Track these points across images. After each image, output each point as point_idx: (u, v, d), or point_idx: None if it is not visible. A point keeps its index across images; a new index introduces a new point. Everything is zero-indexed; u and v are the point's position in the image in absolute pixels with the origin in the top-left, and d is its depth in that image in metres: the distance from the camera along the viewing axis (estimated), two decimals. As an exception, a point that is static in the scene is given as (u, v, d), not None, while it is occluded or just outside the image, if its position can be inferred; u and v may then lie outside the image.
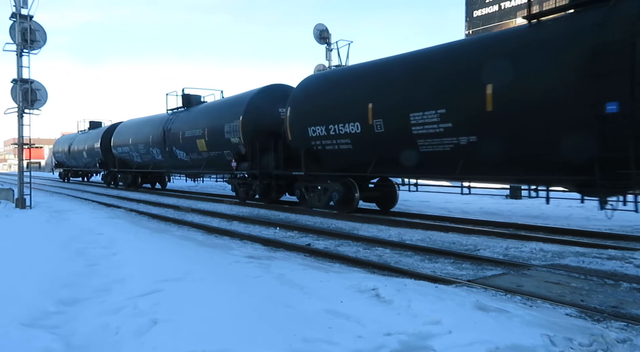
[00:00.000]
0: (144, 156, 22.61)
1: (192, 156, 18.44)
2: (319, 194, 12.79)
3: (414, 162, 10.09)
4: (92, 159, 29.43)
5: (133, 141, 23.22)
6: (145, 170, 23.69)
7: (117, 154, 25.36)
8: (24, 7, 12.94)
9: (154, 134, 21.07)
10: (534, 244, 7.58)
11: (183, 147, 18.78)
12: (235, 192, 16.63)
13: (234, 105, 16.01)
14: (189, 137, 18.11)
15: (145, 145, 21.94)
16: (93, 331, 3.67)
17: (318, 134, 12.09)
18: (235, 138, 15.29)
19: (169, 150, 19.90)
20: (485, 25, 26.52)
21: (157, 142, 20.76)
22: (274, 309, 3.89)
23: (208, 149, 17.08)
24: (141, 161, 23.27)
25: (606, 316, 4.02)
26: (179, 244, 7.56)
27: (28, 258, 6.20)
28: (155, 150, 21.12)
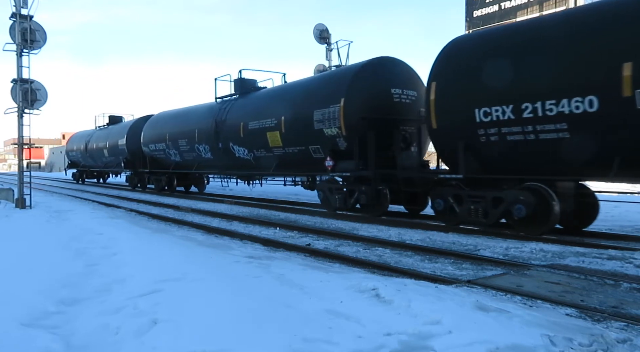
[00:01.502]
0: (186, 154, 18.82)
1: (258, 154, 14.70)
2: (483, 207, 8.84)
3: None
4: (115, 157, 25.79)
5: (171, 137, 19.45)
6: (187, 171, 19.94)
7: (149, 152, 21.74)
8: (24, 7, 12.94)
9: (201, 127, 17.28)
10: (534, 244, 7.58)
11: (244, 143, 15.06)
12: (325, 200, 12.70)
13: (329, 85, 12.32)
14: (255, 129, 14.35)
15: (189, 141, 18.19)
16: (93, 331, 3.67)
17: (496, 119, 8.25)
18: (332, 129, 11.64)
19: (223, 147, 16.11)
20: (485, 25, 26.53)
21: (206, 137, 16.95)
22: (274, 309, 3.89)
23: (284, 145, 13.41)
24: (181, 160, 19.51)
25: (606, 316, 4.02)
26: (179, 244, 7.56)
27: (28, 258, 6.20)
28: (203, 147, 17.39)
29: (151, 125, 21.86)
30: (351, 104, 11.26)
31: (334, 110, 11.54)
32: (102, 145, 27.25)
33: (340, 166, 11.79)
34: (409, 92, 11.76)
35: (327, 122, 11.79)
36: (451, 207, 9.41)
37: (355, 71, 11.76)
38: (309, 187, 14.12)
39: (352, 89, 11.39)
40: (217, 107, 16.90)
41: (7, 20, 13.06)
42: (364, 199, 11.30)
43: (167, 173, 21.02)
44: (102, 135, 28.06)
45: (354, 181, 11.76)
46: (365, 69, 11.68)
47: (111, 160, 26.74)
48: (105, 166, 28.70)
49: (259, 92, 15.93)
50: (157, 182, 22.10)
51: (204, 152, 17.57)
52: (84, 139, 31.48)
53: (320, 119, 11.98)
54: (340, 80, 11.96)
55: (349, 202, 11.83)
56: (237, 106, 15.85)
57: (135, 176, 24.36)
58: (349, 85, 11.46)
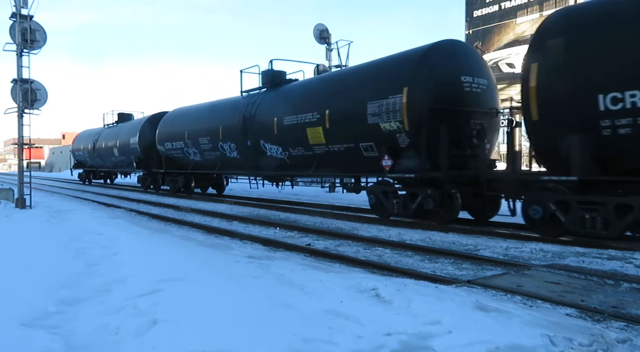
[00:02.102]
0: (208, 154, 17.25)
1: (295, 152, 13.10)
2: (603, 216, 7.21)
3: None
4: (126, 157, 24.06)
5: (190, 135, 17.89)
6: (208, 172, 18.50)
7: (164, 152, 20.14)
8: (24, 7, 12.94)
9: (226, 124, 15.76)
10: (534, 244, 7.58)
11: (278, 140, 13.54)
12: (378, 205, 11.09)
13: (387, 73, 10.76)
14: (291, 125, 12.84)
15: (212, 139, 16.59)
16: (93, 331, 3.67)
17: (631, 106, 6.69)
18: (391, 123, 10.15)
19: (252, 145, 14.60)
20: (485, 25, 26.54)
21: (232, 134, 15.47)
22: (274, 309, 3.89)
23: (328, 142, 11.88)
24: (201, 160, 17.93)
25: (606, 316, 4.02)
26: (179, 244, 7.57)
27: (28, 258, 6.20)
28: (229, 145, 15.83)
29: (167, 123, 20.22)
30: (416, 93, 9.74)
31: (395, 102, 10.01)
32: (112, 144, 25.58)
33: (402, 166, 10.15)
34: (479, 81, 10.29)
35: (385, 116, 10.26)
36: (552, 215, 7.82)
37: (421, 55, 10.07)
38: (352, 189, 12.50)
39: (418, 77, 9.82)
40: (244, 101, 15.32)
41: (7, 20, 13.08)
42: (431, 204, 9.71)
43: (185, 174, 19.38)
44: (112, 133, 26.32)
45: (416, 182, 10.19)
46: (431, 53, 10.03)
47: (121, 160, 25.13)
48: (115, 166, 26.91)
49: (293, 83, 14.46)
50: (173, 183, 20.33)
51: (228, 151, 15.94)
52: (91, 138, 29.51)
53: (375, 112, 10.46)
54: (402, 66, 10.33)
55: (409, 207, 10.21)
56: (268, 100, 14.32)
57: (149, 177, 22.76)
58: (414, 72, 9.89)
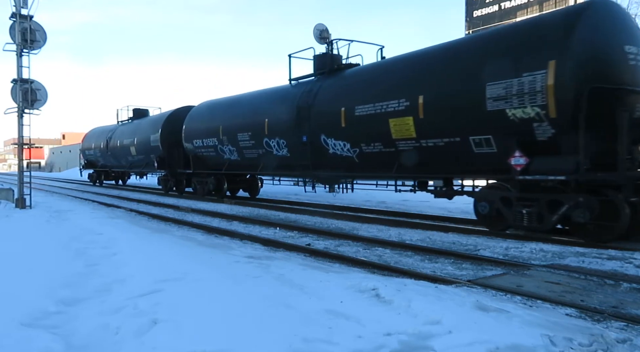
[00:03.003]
0: (249, 151, 15.03)
1: (369, 149, 10.84)
2: None
3: None
4: (145, 156, 21.83)
5: (226, 130, 15.77)
6: (247, 173, 16.88)
7: (193, 150, 17.96)
8: (24, 7, 12.94)
9: (274, 117, 13.64)
10: (534, 244, 7.58)
11: (347, 135, 11.23)
12: (491, 216, 8.76)
13: (520, 43, 8.20)
14: (367, 116, 10.53)
15: (255, 134, 14.35)
16: (93, 331, 3.67)
17: None
18: (527, 109, 7.80)
19: (309, 141, 12.35)
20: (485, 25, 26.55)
21: (282, 129, 13.28)
22: (274, 309, 3.89)
23: (420, 135, 9.53)
24: (238, 159, 15.77)
25: (606, 316, 4.02)
26: (179, 244, 7.57)
27: (28, 258, 6.20)
28: (276, 141, 13.57)
29: (196, 117, 18.06)
30: (569, 68, 7.30)
31: (533, 81, 7.64)
32: (129, 142, 23.36)
33: (542, 165, 7.77)
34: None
35: (516, 100, 7.90)
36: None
37: (576, 16, 7.61)
38: (442, 194, 10.18)
39: (572, 46, 7.34)
40: (295, 90, 13.28)
41: (7, 20, 13.08)
42: (584, 216, 7.35)
43: (217, 174, 17.22)
44: (128, 130, 24.13)
45: (560, 187, 7.75)
46: (588, 14, 7.59)
47: (139, 159, 22.78)
48: (131, 166, 24.61)
49: (366, 66, 12.31)
50: (202, 185, 18.13)
51: (276, 149, 13.75)
52: (104, 136, 27.17)
53: (500, 95, 8.09)
54: (545, 33, 7.88)
55: (548, 219, 7.81)
56: (330, 87, 12.09)
57: (172, 178, 20.43)
58: (566, 39, 7.41)
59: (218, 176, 17.24)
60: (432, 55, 10.12)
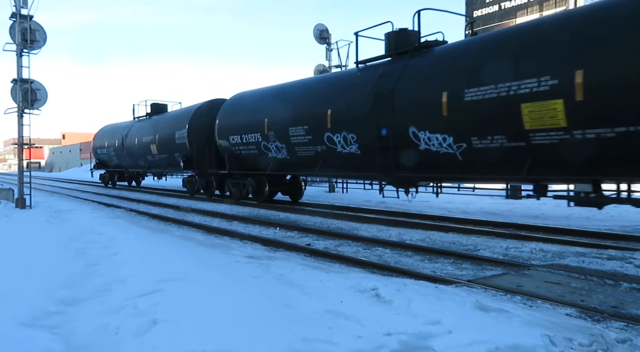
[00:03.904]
0: (303, 149, 12.67)
1: (482, 143, 8.38)
2: None
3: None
4: (168, 155, 19.63)
5: (273, 124, 13.46)
6: (297, 173, 14.82)
7: (228, 147, 15.84)
8: (24, 7, 12.95)
9: (341, 106, 11.34)
10: (534, 244, 7.59)
11: (450, 126, 8.82)
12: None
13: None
14: (484, 101, 8.13)
15: (313, 128, 12.09)
16: (93, 331, 3.67)
17: None
18: None
19: (392, 135, 9.89)
20: (485, 25, 26.53)
21: (354, 121, 10.94)
22: (274, 309, 3.89)
23: (573, 124, 7.17)
24: (288, 157, 13.45)
25: (606, 316, 4.02)
26: (179, 244, 7.57)
27: (28, 258, 6.20)
28: (343, 136, 11.22)
29: (233, 110, 15.87)
30: None
31: None
32: (148, 140, 21.04)
33: None
34: None
35: None
36: None
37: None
38: (588, 202, 8.12)
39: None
40: (366, 74, 11.08)
41: (7, 20, 13.09)
42: None
43: (257, 175, 15.17)
44: (147, 127, 21.82)
45: None
46: None
47: (161, 159, 20.51)
48: (151, 166, 22.23)
49: (469, 41, 9.98)
50: (238, 187, 16.07)
51: (342, 145, 11.45)
52: (118, 133, 25.04)
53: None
54: None
55: None
56: (419, 68, 9.82)
57: (201, 179, 18.25)
58: None
59: (258, 177, 15.23)
60: (600, 15, 7.27)
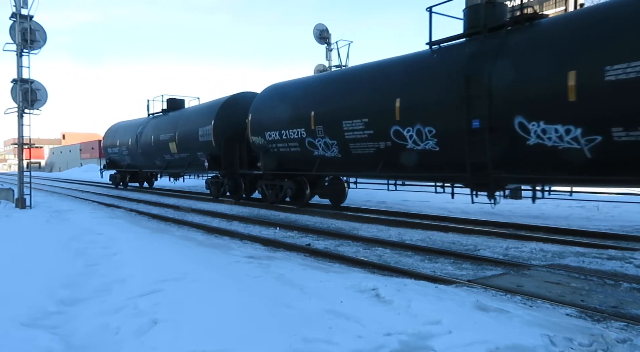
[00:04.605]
0: (360, 145, 10.95)
1: (629, 136, 6.71)
2: None
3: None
4: (190, 154, 18.15)
5: (321, 117, 11.79)
6: (350, 174, 12.91)
7: (264, 145, 14.09)
8: (24, 7, 12.96)
9: (413, 95, 9.58)
10: (534, 244, 7.58)
11: (574, 115, 7.25)
12: None
13: None
14: (635, 80, 6.40)
15: (376, 121, 10.40)
16: (93, 331, 3.67)
17: None
18: None
19: (490, 127, 8.18)
20: (485, 25, 26.41)
21: (432, 111, 9.22)
22: (274, 309, 3.89)
23: None
24: (340, 155, 11.69)
25: (606, 316, 4.02)
26: (179, 244, 7.57)
27: (28, 258, 6.20)
28: (417, 129, 9.46)
29: (269, 103, 14.17)
30: None
31: None
32: (167, 138, 19.51)
33: None
34: None
35: None
36: None
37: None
38: None
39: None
40: (446, 57, 9.42)
41: (7, 20, 13.09)
42: None
43: (298, 176, 13.59)
44: (165, 124, 20.29)
45: None
46: None
47: (181, 158, 19.03)
48: (169, 166, 20.58)
49: (590, 8, 8.30)
50: (274, 189, 14.48)
51: (414, 140, 9.63)
52: (132, 131, 23.37)
53: None
54: None
55: None
56: (526, 45, 8.02)
57: (229, 180, 16.58)
58: None
59: (298, 179, 13.67)
60: None
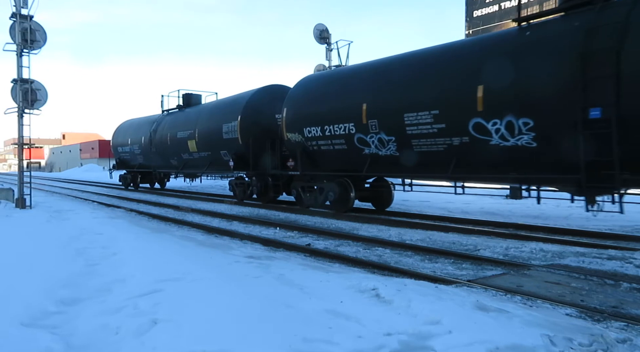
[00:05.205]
0: (426, 142, 9.57)
1: None
2: None
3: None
4: (212, 153, 16.94)
5: (375, 109, 10.44)
6: (413, 175, 10.93)
7: (302, 142, 12.65)
8: (24, 7, 12.95)
9: (502, 81, 8.03)
10: (534, 244, 7.58)
11: None
12: None
13: None
14: None
15: (449, 114, 9.01)
16: (93, 331, 3.67)
17: None
18: None
19: (622, 116, 6.66)
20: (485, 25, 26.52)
21: (532, 98, 7.70)
22: (274, 309, 3.88)
23: None
24: (397, 153, 10.35)
25: (606, 316, 4.02)
26: (179, 244, 7.56)
27: (28, 258, 6.20)
28: (507, 122, 8.08)
29: (309, 95, 12.64)
30: None
31: None
32: (185, 136, 18.29)
33: None
34: None
35: None
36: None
37: None
38: None
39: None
40: (555, 32, 7.76)
41: (7, 20, 13.09)
42: None
43: (342, 178, 12.01)
44: (181, 120, 19.03)
45: None
46: None
47: (201, 157, 17.80)
48: (186, 166, 19.29)
49: None
50: (312, 192, 12.95)
51: (502, 135, 8.18)
52: (145, 129, 22.03)
53: None
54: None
55: None
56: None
57: (259, 181, 15.22)
58: None
59: (341, 180, 12.10)
60: None
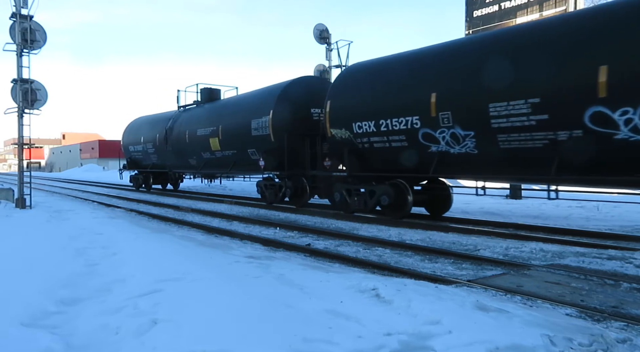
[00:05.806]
0: (516, 138, 8.17)
1: None
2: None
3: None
4: (238, 151, 15.64)
5: (447, 101, 9.14)
6: (493, 178, 9.66)
7: (351, 139, 11.36)
8: (24, 7, 12.95)
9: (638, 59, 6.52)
10: (534, 244, 7.58)
11: None
12: None
13: None
14: None
15: (550, 101, 7.55)
16: (93, 331, 3.67)
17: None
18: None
19: None
20: (485, 25, 26.53)
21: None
22: (274, 309, 3.88)
23: None
24: (475, 152, 9.06)
25: (606, 316, 4.02)
26: (179, 244, 7.56)
27: (28, 258, 6.19)
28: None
29: (357, 85, 11.36)
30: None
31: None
32: (206, 133, 16.86)
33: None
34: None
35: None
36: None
37: None
38: None
39: None
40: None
41: (7, 20, 13.09)
42: None
43: (396, 179, 10.77)
44: (201, 117, 17.61)
45: None
46: None
47: (224, 156, 16.47)
48: (207, 166, 17.88)
49: None
50: (360, 196, 11.55)
51: (634, 127, 6.79)
52: (159, 126, 20.54)
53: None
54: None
55: None
56: None
57: (295, 182, 13.88)
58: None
59: (395, 182, 10.82)
60: None
